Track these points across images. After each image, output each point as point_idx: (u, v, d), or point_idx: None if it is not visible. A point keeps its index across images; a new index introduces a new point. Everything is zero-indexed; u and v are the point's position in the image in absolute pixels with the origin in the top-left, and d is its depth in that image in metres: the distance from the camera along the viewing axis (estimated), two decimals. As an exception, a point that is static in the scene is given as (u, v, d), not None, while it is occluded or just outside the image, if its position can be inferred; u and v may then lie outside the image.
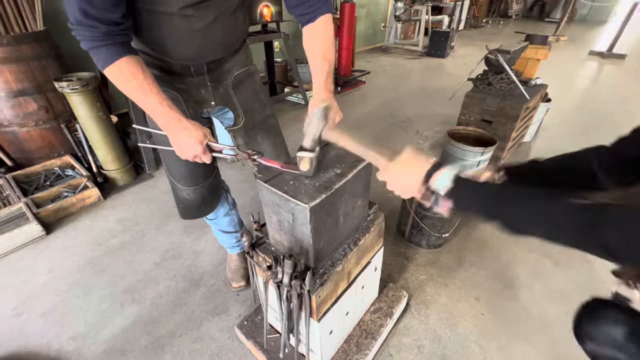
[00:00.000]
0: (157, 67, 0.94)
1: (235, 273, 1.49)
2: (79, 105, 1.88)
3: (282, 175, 0.82)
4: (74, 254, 1.71)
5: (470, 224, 1.87)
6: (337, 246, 0.93)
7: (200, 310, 1.41)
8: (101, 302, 1.45)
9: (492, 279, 1.54)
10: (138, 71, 0.76)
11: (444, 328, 1.33)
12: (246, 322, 1.24)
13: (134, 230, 1.86)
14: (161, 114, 0.80)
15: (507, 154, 2.35)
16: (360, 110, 3.52)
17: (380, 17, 6.43)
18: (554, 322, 1.35)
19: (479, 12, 8.89)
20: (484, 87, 2.22)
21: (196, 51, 0.91)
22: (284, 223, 0.82)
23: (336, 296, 0.95)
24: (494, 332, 1.31)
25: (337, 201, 0.81)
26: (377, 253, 1.12)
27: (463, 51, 6.07)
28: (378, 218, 1.04)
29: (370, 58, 5.70)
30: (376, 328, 1.21)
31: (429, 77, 4.64)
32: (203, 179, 1.15)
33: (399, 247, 1.71)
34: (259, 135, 1.16)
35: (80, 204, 2.00)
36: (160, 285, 1.52)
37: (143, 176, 2.34)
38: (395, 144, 2.76)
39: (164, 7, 0.78)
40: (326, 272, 0.86)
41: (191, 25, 0.84)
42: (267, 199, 0.81)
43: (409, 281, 1.53)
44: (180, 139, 0.82)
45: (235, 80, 1.06)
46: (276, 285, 0.83)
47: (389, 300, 1.32)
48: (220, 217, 1.37)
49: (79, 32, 0.72)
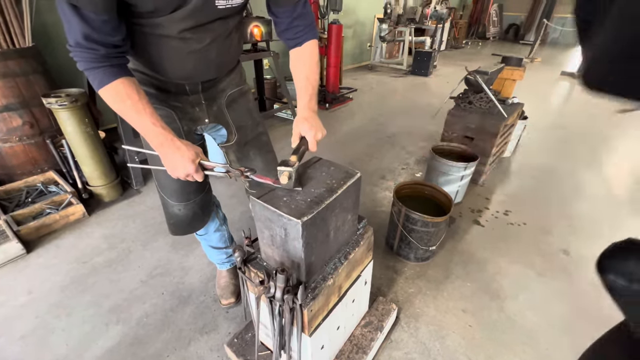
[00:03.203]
0: (153, 86, 0.97)
1: (225, 290, 1.47)
2: (66, 121, 1.86)
3: (275, 191, 0.84)
4: (55, 273, 1.65)
5: (457, 237, 1.93)
6: (328, 260, 0.95)
7: (188, 328, 1.38)
8: (84, 323, 1.40)
9: (478, 291, 1.58)
10: (133, 92, 0.78)
11: (433, 341, 1.34)
12: (236, 340, 1.23)
13: (120, 248, 1.82)
14: (155, 134, 0.82)
15: (488, 168, 2.45)
16: (348, 126, 3.61)
17: (366, 37, 6.69)
18: (538, 331, 1.39)
19: (459, 34, 9.37)
20: (465, 105, 2.34)
21: (192, 71, 0.95)
22: (276, 238, 0.84)
23: (327, 310, 0.96)
24: (481, 344, 1.34)
25: (328, 216, 0.84)
26: (367, 266, 1.14)
27: (445, 70, 6.35)
28: (367, 232, 1.07)
29: (357, 76, 5.88)
30: (367, 342, 1.22)
31: (414, 95, 4.82)
32: (194, 194, 1.16)
33: (388, 261, 1.74)
34: (252, 151, 1.18)
35: (63, 220, 1.95)
36: (147, 303, 1.49)
37: (130, 192, 2.31)
38: (381, 160, 2.83)
39: (162, 30, 0.82)
40: (317, 286, 0.88)
41: (188, 47, 0.87)
42: (260, 214, 0.83)
43: (399, 294, 1.55)
44: (174, 159, 0.83)
45: (229, 99, 1.10)
46: (268, 300, 0.84)
47: (379, 314, 1.33)
48: (211, 233, 1.37)
49: (77, 54, 0.73)
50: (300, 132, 0.89)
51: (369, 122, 3.72)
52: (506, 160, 2.87)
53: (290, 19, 0.95)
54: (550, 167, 2.73)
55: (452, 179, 2.05)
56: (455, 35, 9.23)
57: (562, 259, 1.77)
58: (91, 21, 0.69)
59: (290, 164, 0.79)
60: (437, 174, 2.08)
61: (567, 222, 2.07)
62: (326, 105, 4.07)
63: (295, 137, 0.90)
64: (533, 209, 2.20)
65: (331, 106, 4.10)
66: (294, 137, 0.90)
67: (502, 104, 2.27)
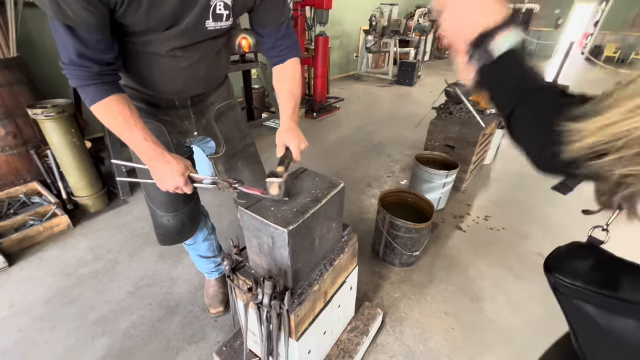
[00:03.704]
0: (144, 101, 1.00)
1: (214, 299, 1.49)
2: (52, 131, 1.85)
3: (263, 201, 0.88)
4: (39, 286, 1.62)
5: (440, 242, 2.00)
6: (314, 267, 0.99)
7: (177, 339, 1.38)
8: (69, 336, 1.39)
9: (460, 294, 1.64)
10: (125, 109, 0.82)
11: (417, 343, 1.39)
12: (225, 348, 1.24)
13: (107, 259, 1.81)
14: (146, 149, 0.84)
15: (470, 175, 2.55)
16: (335, 135, 3.68)
17: (352, 48, 6.86)
18: (516, 331, 1.46)
19: (442, 45, 9.69)
20: (446, 116, 2.44)
21: (182, 87, 0.99)
22: (264, 246, 0.87)
23: (314, 315, 1.00)
24: (462, 345, 1.39)
25: (313, 224, 0.88)
26: (352, 273, 1.18)
27: (429, 80, 6.56)
28: (352, 239, 1.12)
29: (344, 85, 6.01)
30: (353, 347, 1.26)
31: (399, 104, 4.96)
32: (183, 205, 1.18)
33: (374, 267, 1.79)
34: (240, 163, 1.22)
35: (47, 232, 1.92)
36: (134, 315, 1.48)
37: (117, 202, 2.29)
38: (367, 169, 2.90)
39: (154, 48, 0.86)
40: (304, 292, 0.92)
41: (178, 64, 0.92)
42: (248, 224, 0.87)
43: (384, 299, 1.60)
44: (164, 172, 0.86)
45: (218, 113, 1.14)
46: (257, 307, 0.87)
47: (365, 318, 1.37)
48: (200, 243, 1.39)
49: (70, 72, 0.76)
50: (285, 143, 0.93)
51: (356, 131, 3.81)
52: (487, 167, 2.99)
53: (274, 39, 1.01)
54: (528, 174, 2.86)
55: (435, 187, 2.13)
56: (439, 46, 9.56)
57: (538, 261, 1.86)
58: (85, 41, 0.73)
59: (280, 175, 0.84)
60: (421, 181, 2.16)
61: (542, 226, 2.17)
62: (314, 115, 4.14)
63: (280, 147, 0.95)
64: (511, 214, 2.30)
65: (319, 115, 4.17)
66: (278, 148, 0.95)
67: (481, 115, 2.38)
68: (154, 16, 0.77)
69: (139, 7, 0.74)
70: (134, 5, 0.73)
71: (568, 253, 0.51)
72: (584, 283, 0.46)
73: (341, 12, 5.89)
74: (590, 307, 0.45)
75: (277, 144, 0.95)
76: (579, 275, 0.47)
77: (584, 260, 0.49)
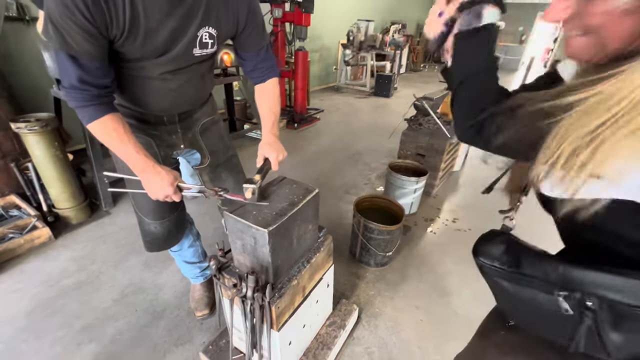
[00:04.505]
0: (135, 118, 1.10)
1: (199, 302, 1.56)
2: (35, 145, 1.88)
3: (245, 206, 0.99)
4: (21, 297, 1.63)
5: (412, 243, 2.16)
6: (293, 264, 1.10)
7: (163, 342, 1.44)
8: (54, 344, 1.42)
9: (429, 290, 1.80)
10: (119, 126, 0.91)
11: (390, 335, 1.52)
12: (211, 347, 1.32)
13: (90, 269, 1.83)
14: (137, 161, 0.94)
15: (439, 181, 2.75)
16: (315, 144, 3.83)
17: (332, 60, 7.12)
18: (477, 321, 1.61)
19: (417, 59, 10.19)
20: (416, 126, 2.65)
21: (170, 105, 1.09)
22: (247, 246, 0.98)
23: (293, 308, 1.11)
24: (430, 335, 1.53)
25: (291, 226, 1.00)
26: (328, 270, 1.30)
27: (405, 92, 6.89)
28: (327, 239, 1.25)
29: (324, 97, 6.22)
30: (331, 339, 1.37)
31: (376, 115, 5.20)
32: (170, 213, 1.27)
33: (351, 268, 1.92)
34: (223, 173, 1.33)
35: (28, 244, 1.92)
36: (120, 321, 1.53)
37: (99, 213, 2.31)
38: (345, 176, 3.06)
39: (146, 72, 0.97)
40: (283, 286, 1.03)
41: (167, 86, 1.03)
42: (233, 226, 0.98)
43: (360, 297, 1.72)
44: (154, 182, 0.95)
45: (202, 127, 1.25)
46: (241, 301, 0.98)
47: (342, 314, 1.49)
48: (185, 249, 1.47)
49: (71, 94, 0.86)
50: (264, 154, 1.06)
51: (336, 141, 3.98)
52: (456, 173, 3.22)
53: (255, 62, 1.14)
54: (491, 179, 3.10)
55: (407, 192, 2.30)
56: (414, 59, 10.04)
57: (499, 258, 2.05)
58: (86, 67, 0.83)
59: (254, 182, 0.96)
60: (394, 187, 2.33)
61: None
62: (295, 125, 4.28)
63: (260, 158, 1.07)
64: (477, 216, 2.51)
65: (299, 126, 4.32)
66: (259, 159, 1.07)
67: (447, 126, 2.60)
68: (148, 46, 0.88)
69: (136, 39, 0.85)
70: (131, 37, 0.84)
71: (487, 240, 0.64)
72: (499, 264, 0.59)
73: (320, 26, 6.13)
74: (505, 282, 0.59)
75: (258, 155, 1.08)
76: (495, 258, 0.60)
77: (499, 245, 0.61)
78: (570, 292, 0.49)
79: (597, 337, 0.48)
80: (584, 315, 0.48)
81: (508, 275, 0.57)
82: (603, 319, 0.47)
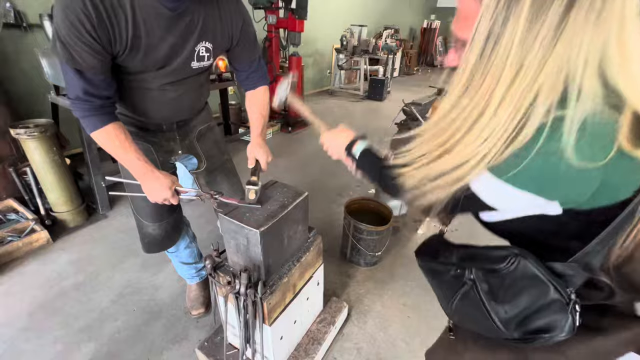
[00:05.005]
0: (135, 126, 1.17)
1: (195, 301, 1.62)
2: (34, 150, 1.93)
3: (239, 208, 1.06)
4: (21, 299, 1.68)
5: (401, 244, 2.24)
6: (284, 263, 1.17)
7: (160, 339, 1.50)
8: (55, 343, 1.47)
9: (417, 288, 1.88)
10: (120, 134, 0.98)
11: (378, 331, 1.59)
12: (206, 343, 1.38)
13: (88, 271, 1.88)
14: (137, 166, 1.01)
15: (429, 184, 2.84)
16: (309, 148, 3.91)
17: (326, 65, 7.21)
18: (462, 317, 1.70)
19: (410, 62, 10.34)
20: (405, 131, 2.74)
21: (168, 114, 1.16)
22: (240, 246, 1.05)
23: (284, 305, 1.18)
24: (417, 330, 1.61)
25: (282, 226, 1.08)
26: (318, 269, 1.38)
27: (398, 95, 7.00)
28: (317, 240, 1.32)
29: (318, 100, 6.30)
30: (321, 335, 1.44)
31: (370, 118, 5.30)
32: (167, 215, 1.33)
33: (342, 268, 1.99)
34: (219, 177, 1.40)
35: (27, 247, 1.97)
36: (118, 320, 1.58)
37: (96, 217, 2.36)
38: (338, 179, 3.14)
39: (146, 84, 1.04)
40: (275, 283, 1.10)
41: (167, 96, 1.10)
42: (227, 227, 1.05)
43: (350, 295, 1.79)
44: (153, 186, 1.02)
45: (199, 134, 1.32)
46: (234, 297, 1.04)
47: (332, 311, 1.56)
48: (181, 250, 1.53)
49: (76, 105, 0.92)
50: (255, 156, 1.15)
51: (329, 144, 4.06)
52: (445, 176, 3.31)
53: (248, 72, 1.22)
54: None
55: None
56: (407, 63, 10.18)
57: (484, 257, 2.15)
58: (90, 80, 0.90)
59: (256, 184, 1.04)
60: (384, 190, 2.41)
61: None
62: (289, 129, 4.36)
63: (251, 160, 1.16)
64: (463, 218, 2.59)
65: (293, 129, 4.39)
66: (250, 161, 1.16)
67: (435, 130, 2.69)
68: (149, 60, 0.95)
69: (137, 54, 0.92)
70: (133, 53, 0.91)
71: (426, 242, 0.76)
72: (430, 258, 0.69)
73: (314, 31, 6.23)
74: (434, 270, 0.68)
75: (248, 157, 1.16)
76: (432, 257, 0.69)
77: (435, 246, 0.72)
78: (461, 268, 0.59)
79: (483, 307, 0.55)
80: (466, 283, 0.57)
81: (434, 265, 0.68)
82: (482, 289, 0.55)
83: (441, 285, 0.66)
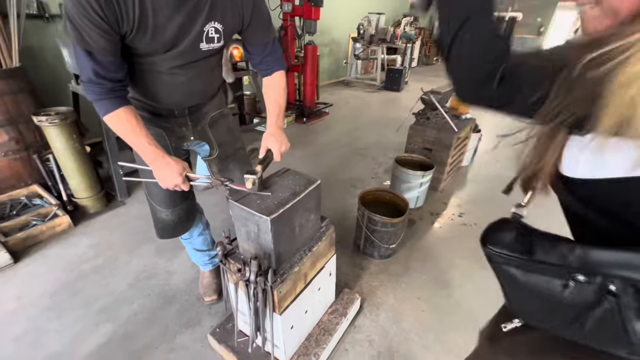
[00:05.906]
0: (147, 111, 1.16)
1: (208, 288, 1.63)
2: (55, 137, 1.99)
3: (250, 195, 1.04)
4: (44, 280, 1.75)
5: (416, 237, 2.18)
6: (295, 252, 1.15)
7: (174, 324, 1.53)
8: (75, 322, 1.52)
9: (432, 282, 1.82)
10: (132, 118, 0.97)
11: (390, 324, 1.56)
12: (218, 330, 1.39)
13: (107, 255, 1.94)
14: (149, 151, 1.00)
15: (447, 176, 2.75)
16: (324, 139, 3.86)
17: (342, 55, 7.08)
18: (479, 314, 1.64)
19: (429, 52, 10.01)
20: (423, 120, 2.64)
21: (180, 99, 1.15)
22: (251, 233, 1.03)
23: (295, 294, 1.16)
24: (431, 325, 1.56)
25: (293, 214, 1.05)
26: (330, 259, 1.35)
27: (416, 85, 6.80)
28: (329, 229, 1.29)
29: (333, 91, 6.21)
30: (333, 326, 1.42)
31: (386, 109, 5.18)
32: (180, 201, 1.33)
33: (355, 259, 1.96)
34: (231, 164, 1.38)
35: (50, 231, 2.04)
36: (135, 304, 1.62)
37: (115, 203, 2.42)
38: (353, 170, 3.08)
39: (156, 67, 1.02)
40: (285, 272, 1.08)
41: (177, 80, 1.08)
42: (238, 214, 1.03)
43: (363, 287, 1.76)
44: (164, 172, 1.01)
45: (211, 120, 1.30)
46: (245, 285, 1.03)
47: (344, 302, 1.54)
48: (195, 237, 1.54)
49: (89, 88, 0.92)
50: (267, 145, 1.10)
51: (344, 135, 4.00)
52: (464, 168, 3.20)
53: (262, 55, 1.18)
54: (502, 175, 3.08)
55: (413, 186, 2.31)
56: (426, 52, 9.86)
57: (504, 252, 2.05)
58: (100, 62, 0.89)
59: (255, 172, 1.00)
60: (400, 181, 2.34)
61: (511, 221, 2.37)
62: (303, 120, 4.32)
63: (263, 149, 1.10)
64: (484, 211, 2.50)
65: (308, 120, 4.35)
66: (261, 150, 1.11)
67: (455, 120, 2.58)
68: (157, 41, 0.93)
69: (145, 34, 0.90)
70: (140, 33, 0.89)
71: (497, 227, 0.61)
72: (509, 251, 0.55)
73: (330, 19, 6.10)
74: (514, 269, 0.55)
75: (261, 146, 1.12)
76: (505, 245, 0.56)
77: (509, 232, 0.58)
78: (591, 276, 0.44)
79: (621, 326, 0.43)
80: (605, 300, 0.43)
81: (519, 263, 0.54)
82: (627, 305, 0.42)
83: (544, 295, 0.51)
